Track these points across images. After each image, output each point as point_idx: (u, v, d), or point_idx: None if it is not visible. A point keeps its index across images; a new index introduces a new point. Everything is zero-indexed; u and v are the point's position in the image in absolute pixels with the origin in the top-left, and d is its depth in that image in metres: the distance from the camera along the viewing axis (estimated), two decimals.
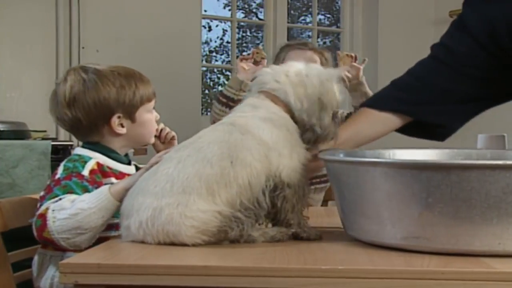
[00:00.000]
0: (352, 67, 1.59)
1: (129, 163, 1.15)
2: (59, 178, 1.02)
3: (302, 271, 0.71)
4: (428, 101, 1.13)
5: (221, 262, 0.76)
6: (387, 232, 0.79)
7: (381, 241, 0.81)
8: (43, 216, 0.94)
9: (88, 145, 1.10)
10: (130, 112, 1.09)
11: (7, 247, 1.05)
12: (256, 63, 1.64)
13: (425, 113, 1.15)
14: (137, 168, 1.15)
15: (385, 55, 3.01)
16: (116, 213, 0.95)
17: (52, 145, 1.89)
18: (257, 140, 0.87)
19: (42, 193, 1.02)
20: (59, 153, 1.89)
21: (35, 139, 2.04)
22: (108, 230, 1.02)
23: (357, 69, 1.58)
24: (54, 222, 0.93)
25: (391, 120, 1.14)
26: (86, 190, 0.99)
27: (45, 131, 2.20)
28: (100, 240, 0.95)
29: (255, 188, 0.85)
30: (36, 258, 1.09)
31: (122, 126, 1.09)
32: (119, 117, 1.08)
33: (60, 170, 1.04)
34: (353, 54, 1.62)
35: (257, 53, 1.65)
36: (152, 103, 1.13)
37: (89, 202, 0.94)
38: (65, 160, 1.07)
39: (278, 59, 1.66)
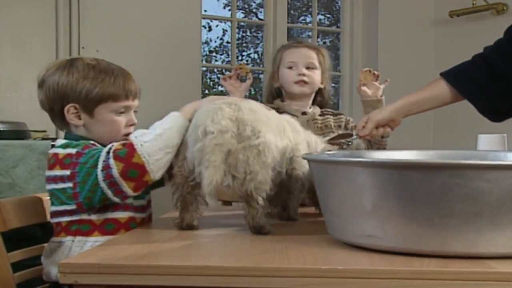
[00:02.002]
0: (372, 85, 1.57)
1: None
2: (78, 151, 1.01)
3: (302, 271, 0.71)
4: (484, 83, 1.19)
5: (221, 262, 0.76)
6: (348, 230, 0.81)
7: (345, 239, 0.83)
8: (128, 144, 0.97)
9: (68, 134, 1.10)
10: (87, 105, 1.06)
11: (7, 247, 1.04)
12: (238, 78, 1.65)
13: (475, 95, 1.19)
14: None
15: (385, 55, 3.00)
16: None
17: (52, 145, 1.89)
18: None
19: (68, 172, 1.00)
20: None
21: (35, 139, 2.04)
22: (116, 211, 1.04)
23: (377, 88, 1.57)
24: (142, 145, 0.96)
25: (448, 93, 1.22)
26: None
27: (45, 131, 2.19)
28: (108, 221, 1.03)
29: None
30: (47, 248, 1.08)
31: (80, 118, 1.07)
32: (75, 107, 1.07)
33: (69, 150, 1.02)
34: (375, 72, 1.60)
35: (241, 68, 1.66)
36: (121, 105, 1.08)
37: (167, 123, 1.00)
38: (60, 147, 1.04)
39: (275, 61, 1.66)
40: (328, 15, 4.08)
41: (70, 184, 1.00)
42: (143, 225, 1.11)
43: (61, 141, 1.08)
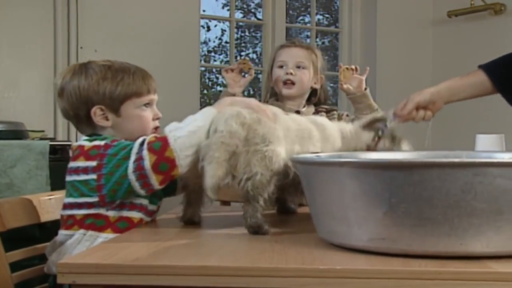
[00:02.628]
0: (354, 79, 1.56)
1: None
2: (106, 143, 1.02)
3: (300, 271, 0.72)
4: None
5: (219, 262, 0.76)
6: (354, 234, 0.78)
7: (349, 243, 0.80)
8: (162, 138, 0.98)
9: (94, 137, 1.09)
10: (112, 105, 1.08)
11: (5, 247, 1.04)
12: (240, 72, 1.65)
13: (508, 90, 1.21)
14: None
15: (384, 55, 3.00)
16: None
17: (50, 145, 1.88)
18: None
19: (94, 163, 1.00)
20: (57, 153, 1.88)
21: (33, 139, 2.04)
22: (132, 210, 1.05)
23: (360, 80, 1.56)
24: (175, 140, 0.97)
25: (485, 85, 1.23)
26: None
27: (43, 131, 2.19)
28: (123, 219, 1.03)
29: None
30: (53, 241, 1.08)
31: (107, 119, 1.08)
32: (102, 109, 1.08)
33: (96, 142, 1.03)
34: (353, 67, 1.60)
35: (244, 63, 1.66)
36: (144, 99, 1.10)
37: (201, 120, 0.99)
38: (87, 140, 1.05)
39: (270, 61, 1.67)
40: (327, 15, 4.09)
41: (94, 176, 1.00)
42: (149, 225, 1.11)
43: (86, 137, 1.09)
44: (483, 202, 0.70)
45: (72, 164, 1.05)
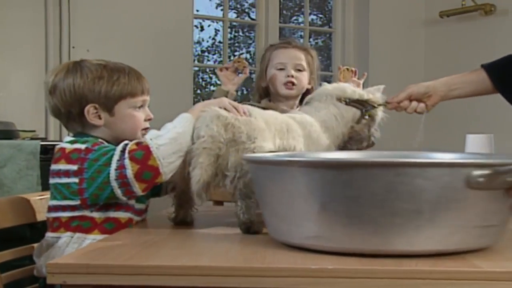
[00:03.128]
0: (352, 82, 1.57)
1: None
2: (87, 147, 1.02)
3: (292, 271, 0.71)
4: None
5: (211, 262, 0.76)
6: (294, 232, 0.79)
7: (290, 241, 0.81)
8: (144, 146, 0.98)
9: (81, 135, 1.09)
10: (107, 104, 1.08)
11: None
12: (235, 71, 1.65)
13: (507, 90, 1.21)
14: None
15: (376, 54, 3.02)
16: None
17: (41, 145, 1.87)
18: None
19: (75, 167, 1.00)
20: (49, 153, 1.87)
21: (23, 139, 2.02)
22: (118, 211, 1.05)
23: (357, 83, 1.57)
24: (157, 148, 0.97)
25: (485, 84, 1.22)
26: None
27: (34, 131, 2.18)
28: (109, 220, 1.03)
29: None
30: (41, 243, 1.07)
31: (100, 117, 1.08)
32: (95, 107, 1.07)
33: (77, 145, 1.02)
34: (353, 69, 1.61)
35: (239, 62, 1.66)
36: (138, 99, 1.11)
37: (180, 127, 1.00)
38: (68, 142, 1.04)
39: (263, 60, 1.66)
40: (320, 15, 4.10)
41: (75, 179, 1.00)
42: (140, 225, 1.11)
43: (69, 138, 1.09)
44: (405, 202, 0.72)
45: (54, 167, 1.04)
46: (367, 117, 1.20)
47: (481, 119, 2.62)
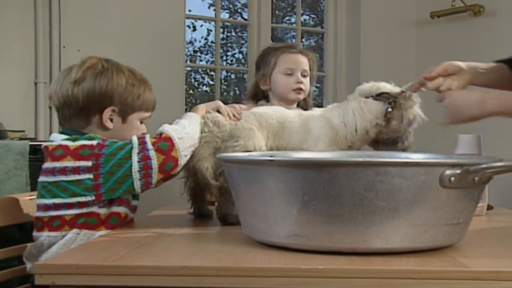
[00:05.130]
0: None
1: None
2: (98, 143, 1.03)
3: (283, 271, 0.72)
4: None
5: (201, 262, 0.76)
6: (273, 231, 0.80)
7: (269, 240, 0.82)
8: (167, 138, 1.03)
9: (71, 131, 1.09)
10: (125, 111, 1.11)
11: None
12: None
13: None
14: None
15: (368, 55, 3.03)
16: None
17: (31, 145, 1.86)
18: None
19: (89, 163, 1.01)
20: (38, 153, 1.85)
21: (12, 139, 2.01)
22: (121, 205, 1.06)
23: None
24: (179, 140, 1.04)
25: (505, 75, 1.19)
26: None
27: (23, 131, 2.16)
28: (113, 215, 1.05)
29: None
30: (39, 242, 1.06)
31: (112, 121, 1.10)
32: (113, 110, 1.09)
33: (83, 142, 1.03)
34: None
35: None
36: (147, 115, 1.15)
37: (194, 124, 1.08)
38: (68, 140, 1.04)
39: (267, 64, 1.63)
40: (313, 16, 4.10)
41: (89, 176, 1.01)
42: (130, 224, 1.11)
43: (61, 135, 1.07)
44: (383, 200, 0.73)
45: (56, 164, 1.03)
46: (390, 109, 1.14)
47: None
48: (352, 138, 1.14)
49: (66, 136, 1.07)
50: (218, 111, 1.14)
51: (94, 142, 1.03)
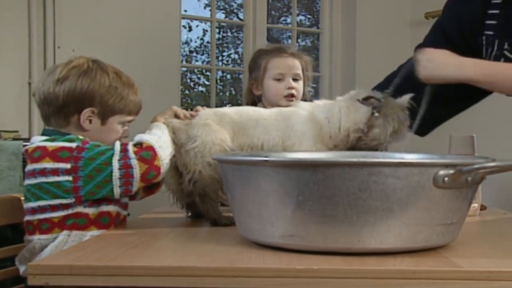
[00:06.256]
0: None
1: None
2: (78, 146, 1.01)
3: (277, 271, 0.72)
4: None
5: (196, 263, 0.75)
6: (267, 231, 0.80)
7: (264, 240, 0.82)
8: (149, 147, 1.02)
9: (51, 132, 1.08)
10: (105, 113, 1.09)
11: None
12: None
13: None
14: None
15: (363, 55, 3.04)
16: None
17: (25, 145, 1.84)
18: None
19: (68, 166, 1.00)
20: None
21: (5, 139, 2.00)
22: (109, 205, 1.05)
23: None
24: (160, 149, 1.02)
25: None
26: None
27: (16, 131, 2.15)
28: (103, 214, 1.04)
29: None
30: (31, 246, 1.05)
31: (91, 122, 1.08)
32: (93, 111, 1.07)
33: (62, 143, 1.02)
34: None
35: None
36: (129, 118, 1.13)
37: (163, 134, 1.06)
38: (46, 141, 1.03)
39: (257, 68, 1.59)
40: (309, 16, 4.11)
41: (68, 177, 1.00)
42: (123, 223, 1.11)
43: (41, 137, 1.07)
44: (377, 201, 0.74)
45: (35, 166, 1.02)
46: (376, 114, 1.10)
47: (465, 120, 2.64)
48: (336, 136, 1.10)
49: (46, 137, 1.06)
50: (177, 117, 1.11)
51: (74, 145, 1.01)
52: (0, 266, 1.10)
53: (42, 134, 1.09)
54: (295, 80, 1.57)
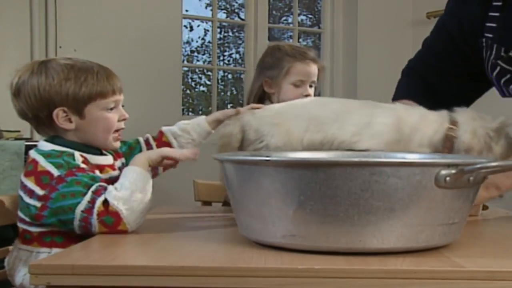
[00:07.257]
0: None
1: (101, 153, 1.10)
2: (60, 176, 0.96)
3: (279, 271, 0.71)
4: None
5: (197, 263, 0.75)
6: (269, 231, 0.80)
7: (265, 240, 0.82)
8: (114, 214, 0.93)
9: (55, 139, 1.05)
10: (76, 107, 1.02)
11: None
12: None
13: None
14: (113, 156, 1.12)
15: (364, 55, 3.04)
16: None
17: (26, 145, 1.85)
18: None
19: (42, 192, 0.96)
20: None
21: (7, 139, 2.00)
22: None
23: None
24: (128, 213, 0.93)
25: None
26: (94, 179, 0.98)
27: (18, 131, 2.15)
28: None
29: None
30: (15, 254, 1.04)
31: (70, 121, 1.03)
32: (64, 111, 1.03)
33: (50, 167, 0.97)
34: None
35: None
36: (110, 100, 1.05)
37: (137, 187, 0.96)
38: (42, 155, 1.00)
39: (278, 66, 1.57)
40: (310, 16, 4.11)
41: (37, 204, 0.96)
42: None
43: (44, 146, 1.04)
44: (379, 200, 0.74)
45: (23, 179, 0.99)
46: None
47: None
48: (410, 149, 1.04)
49: (51, 146, 1.03)
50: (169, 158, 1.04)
51: (56, 173, 0.96)
52: (0, 266, 1.10)
53: (46, 140, 1.06)
54: (311, 86, 1.59)
